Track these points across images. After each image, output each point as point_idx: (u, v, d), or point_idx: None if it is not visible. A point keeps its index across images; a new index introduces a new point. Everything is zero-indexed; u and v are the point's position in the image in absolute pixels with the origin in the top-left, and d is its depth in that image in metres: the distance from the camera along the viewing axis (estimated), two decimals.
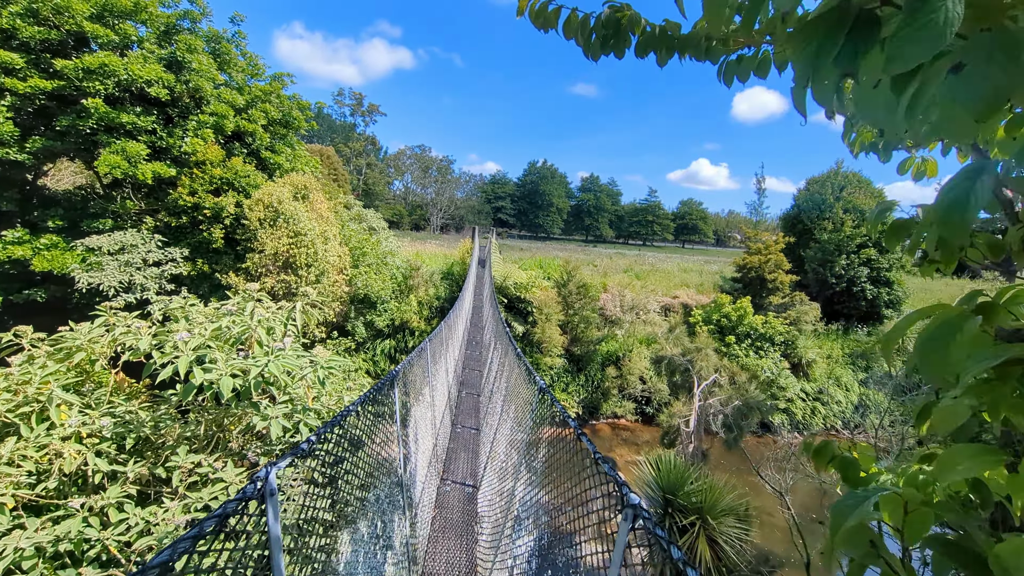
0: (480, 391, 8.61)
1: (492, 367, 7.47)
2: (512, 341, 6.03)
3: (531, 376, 3.78)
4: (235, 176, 20.73)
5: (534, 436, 3.15)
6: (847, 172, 32.11)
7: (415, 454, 4.78)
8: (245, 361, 5.11)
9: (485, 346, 10.90)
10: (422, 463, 5.04)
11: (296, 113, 26.64)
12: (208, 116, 21.60)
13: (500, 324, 7.62)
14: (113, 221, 20.81)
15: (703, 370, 15.33)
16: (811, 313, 25.99)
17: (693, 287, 31.57)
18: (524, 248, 51.23)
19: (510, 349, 5.66)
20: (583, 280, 25.48)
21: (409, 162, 77.76)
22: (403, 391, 4.82)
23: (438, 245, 45.03)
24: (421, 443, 5.09)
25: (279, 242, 19.19)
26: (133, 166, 19.35)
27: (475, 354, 11.71)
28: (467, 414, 7.66)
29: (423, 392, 5.57)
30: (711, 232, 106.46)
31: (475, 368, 10.46)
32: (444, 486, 5.82)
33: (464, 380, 9.50)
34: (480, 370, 10.00)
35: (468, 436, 6.87)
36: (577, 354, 25.54)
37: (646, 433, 24.67)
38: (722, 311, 25.51)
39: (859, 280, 28.82)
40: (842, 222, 29.42)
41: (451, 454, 6.38)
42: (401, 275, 25.61)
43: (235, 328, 5.48)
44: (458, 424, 7.28)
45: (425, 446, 5.26)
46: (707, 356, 15.78)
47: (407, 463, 4.60)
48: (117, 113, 19.21)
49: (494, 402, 6.29)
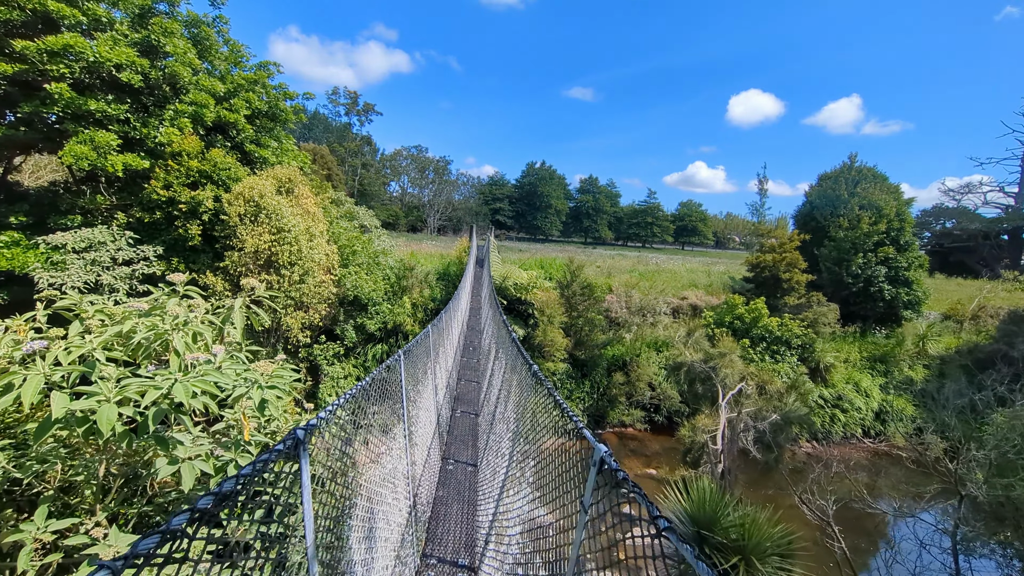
0: (479, 409, 7.13)
1: (494, 381, 6.04)
2: (524, 354, 4.54)
3: (563, 413, 2.34)
4: (214, 168, 19.23)
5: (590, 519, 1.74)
6: (861, 166, 30.74)
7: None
8: (146, 380, 3.58)
9: (484, 353, 9.40)
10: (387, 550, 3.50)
11: (283, 104, 25.20)
12: (187, 105, 20.13)
13: (504, 329, 6.17)
14: (83, 217, 19.32)
15: (728, 378, 13.79)
16: (830, 315, 24.54)
17: (702, 288, 30.13)
18: (523, 250, 49.79)
19: (520, 363, 4.20)
20: (588, 280, 24.01)
21: (406, 163, 76.34)
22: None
23: (434, 245, 43.56)
24: (384, 524, 3.54)
25: (260, 239, 17.69)
26: (102, 157, 17.84)
27: (472, 362, 10.21)
28: (462, 443, 6.13)
29: (400, 422, 4.09)
30: (711, 234, 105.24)
31: (472, 379, 8.96)
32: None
33: (460, 395, 8.02)
34: (478, 382, 8.52)
35: (462, 478, 5.33)
36: (581, 358, 24.04)
37: (655, 443, 23.20)
38: (735, 312, 24.06)
39: (876, 280, 27.40)
40: (858, 219, 28.02)
41: (439, 513, 4.68)
42: (394, 275, 24.11)
43: (140, 334, 3.98)
44: (450, 458, 5.74)
45: (395, 520, 3.72)
46: (732, 362, 14.23)
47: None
48: (85, 100, 17.72)
49: (497, 433, 4.82)
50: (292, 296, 18.14)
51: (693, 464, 12.53)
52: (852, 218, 28.25)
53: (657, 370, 23.51)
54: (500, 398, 5.46)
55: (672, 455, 22.01)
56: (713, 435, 11.97)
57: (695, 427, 12.68)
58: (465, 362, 10.22)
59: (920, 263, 28.51)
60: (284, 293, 17.90)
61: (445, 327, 7.00)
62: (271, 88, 24.30)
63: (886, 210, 27.55)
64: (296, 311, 18.52)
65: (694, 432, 12.57)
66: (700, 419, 12.80)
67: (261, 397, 3.99)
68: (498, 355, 6.03)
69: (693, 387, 15.32)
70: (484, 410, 6.25)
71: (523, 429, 3.62)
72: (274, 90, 24.46)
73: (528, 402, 3.63)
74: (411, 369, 4.76)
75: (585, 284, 23.62)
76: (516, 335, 5.90)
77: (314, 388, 20.88)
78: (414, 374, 4.86)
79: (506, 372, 5.62)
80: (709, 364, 14.39)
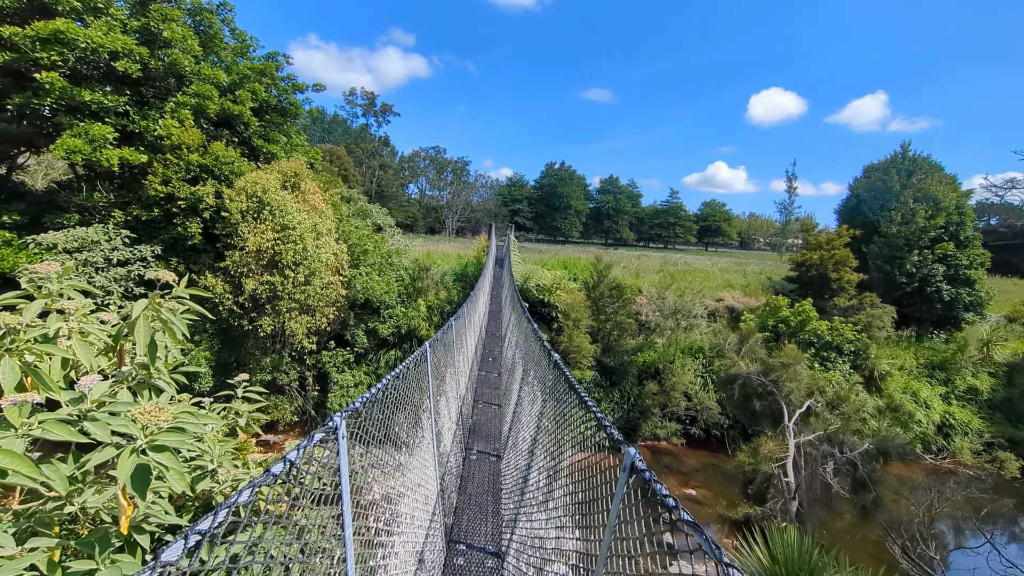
0: (501, 447, 5.38)
1: (522, 406, 4.39)
2: (569, 377, 2.86)
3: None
4: (215, 163, 17.97)
5: None
6: (915, 156, 28.21)
7: None
8: None
9: (507, 367, 7.66)
10: None
11: (292, 98, 23.98)
12: (189, 97, 18.96)
13: (534, 340, 4.48)
14: (80, 216, 18.26)
15: (793, 394, 11.77)
16: (885, 317, 22.19)
17: (738, 288, 27.96)
18: (542, 251, 48.03)
19: (559, 388, 2.56)
20: (617, 280, 22.15)
21: (424, 164, 75.33)
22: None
23: (452, 246, 42.13)
24: None
25: (262, 237, 16.32)
26: (97, 151, 16.73)
27: (492, 377, 8.48)
28: (478, 510, 4.33)
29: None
30: (735, 234, 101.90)
31: (491, 401, 7.19)
32: None
33: (476, 426, 6.27)
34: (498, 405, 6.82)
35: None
36: (610, 365, 22.19)
37: (692, 458, 21.20)
38: (779, 315, 21.92)
39: (933, 279, 24.90)
40: (912, 213, 25.52)
41: None
42: (409, 277, 22.61)
43: None
44: (461, 541, 3.92)
45: None
46: (796, 375, 12.15)
47: None
48: (79, 90, 16.62)
49: (532, 488, 3.15)
50: (297, 299, 16.72)
51: (757, 498, 10.55)
52: (905, 212, 25.77)
53: (693, 378, 21.52)
54: (532, 432, 3.80)
55: (712, 474, 19.99)
56: (782, 464, 10.01)
57: (756, 451, 10.72)
58: (484, 377, 8.50)
59: (982, 261, 25.89)
60: (288, 296, 16.48)
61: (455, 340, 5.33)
62: (279, 80, 23.10)
63: (944, 203, 25.04)
64: (301, 315, 17.10)
65: (755, 457, 10.62)
66: (762, 443, 10.81)
67: (135, 464, 2.35)
68: (527, 377, 4.37)
69: (749, 403, 13.30)
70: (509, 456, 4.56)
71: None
72: (282, 82, 23.26)
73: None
74: (408, 401, 3.14)
75: (614, 285, 21.77)
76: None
77: (322, 398, 19.45)
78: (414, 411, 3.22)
79: (536, 401, 3.94)
80: (769, 377, 12.38)
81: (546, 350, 3.67)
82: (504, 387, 7.09)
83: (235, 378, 5.35)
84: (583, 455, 2.47)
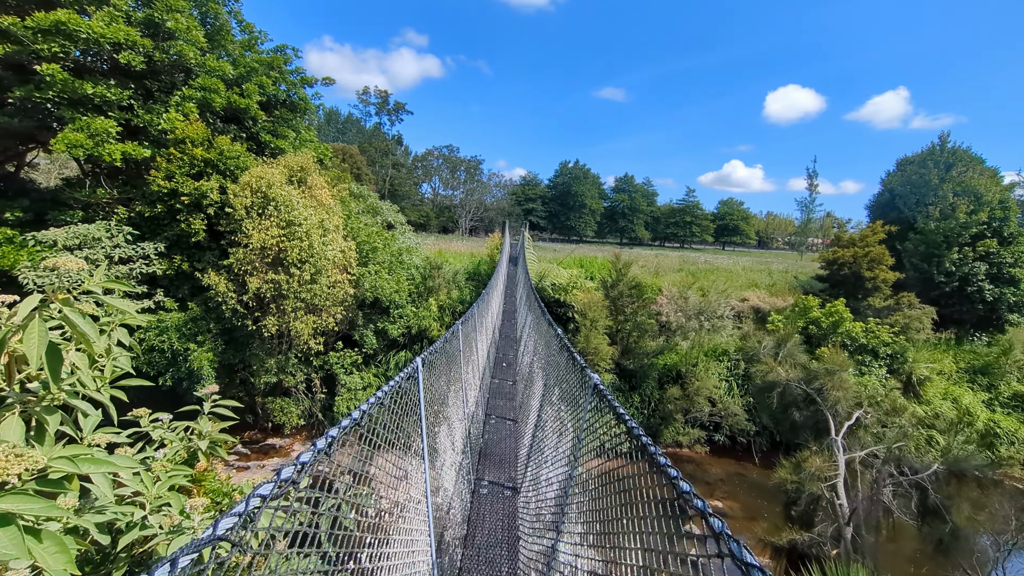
0: (517, 476, 4.47)
1: (544, 431, 3.49)
2: (605, 394, 2.00)
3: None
4: (220, 157, 17.38)
5: None
6: (955, 147, 26.63)
7: None
8: None
9: (523, 377, 6.69)
10: None
11: (302, 92, 23.37)
12: (194, 90, 18.41)
13: (558, 350, 3.61)
14: (83, 212, 17.81)
15: (840, 403, 10.63)
16: (924, 319, 20.80)
17: (763, 288, 26.70)
18: (557, 250, 47.06)
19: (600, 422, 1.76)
20: (636, 279, 21.09)
21: (437, 163, 74.78)
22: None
23: (465, 244, 41.37)
24: None
25: (267, 234, 15.65)
26: (99, 145, 16.22)
27: (505, 385, 7.50)
28: (488, 559, 3.37)
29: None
30: (753, 233, 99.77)
31: (505, 415, 6.23)
32: None
33: (488, 448, 5.31)
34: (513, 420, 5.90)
35: None
36: (629, 368, 21.17)
37: (716, 467, 20.10)
38: (809, 316, 20.67)
39: (975, 278, 23.38)
40: (953, 208, 23.99)
41: None
42: (419, 275, 21.83)
43: None
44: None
45: None
46: (843, 383, 10.97)
47: None
48: (81, 83, 16.12)
49: (570, 536, 2.29)
50: (302, 298, 16.02)
51: (803, 522, 9.42)
52: (945, 207, 24.25)
53: (718, 382, 20.40)
54: (556, 474, 2.92)
55: (739, 484, 18.87)
56: (832, 484, 8.91)
57: (799, 467, 9.61)
58: (496, 386, 7.55)
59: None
60: (293, 295, 15.78)
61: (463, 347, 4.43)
62: (288, 74, 22.51)
63: (986, 197, 23.52)
64: (307, 315, 16.40)
65: (798, 474, 9.51)
66: (807, 459, 9.66)
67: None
68: (550, 395, 3.48)
69: (788, 414, 12.16)
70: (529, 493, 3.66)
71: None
72: (291, 76, 22.67)
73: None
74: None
75: (633, 284, 20.72)
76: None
77: (329, 401, 18.75)
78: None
79: (559, 420, 3.05)
80: (812, 385, 11.23)
81: (578, 366, 2.79)
82: (520, 399, 6.18)
83: (203, 390, 4.50)
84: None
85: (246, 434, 19.20)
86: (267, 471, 17.10)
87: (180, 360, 16.15)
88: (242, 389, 18.22)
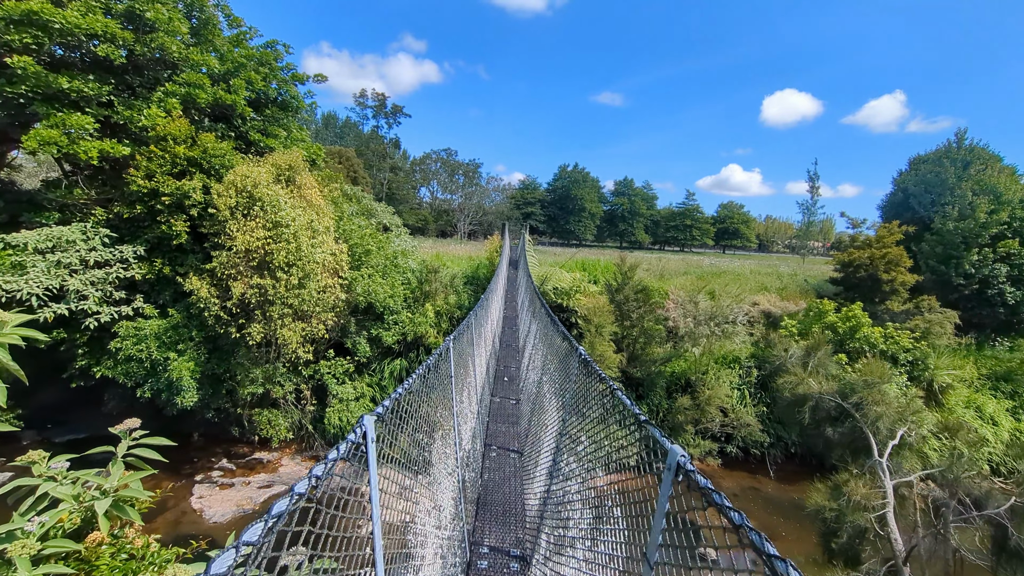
0: (527, 541, 3.46)
1: (568, 486, 2.55)
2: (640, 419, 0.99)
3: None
4: (204, 155, 16.42)
5: None
6: (972, 145, 25.72)
7: None
8: None
9: (528, 394, 5.64)
10: None
11: (293, 90, 22.45)
12: (178, 86, 17.49)
13: (581, 373, 2.68)
14: (60, 214, 16.86)
15: (881, 419, 9.57)
16: (947, 323, 19.82)
17: (773, 291, 25.72)
18: (557, 254, 46.13)
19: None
20: (643, 282, 20.12)
21: (436, 167, 73.93)
22: None
23: (463, 248, 40.41)
24: None
25: (252, 235, 14.67)
26: (74, 143, 15.28)
27: (507, 405, 6.45)
28: None
29: None
30: (754, 237, 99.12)
31: (507, 446, 5.18)
32: None
33: (487, 495, 4.26)
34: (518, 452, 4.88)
35: None
36: (636, 376, 20.16)
37: (729, 480, 19.11)
38: (824, 320, 19.68)
39: (995, 280, 22.41)
40: (972, 207, 23.01)
41: None
42: (416, 279, 20.85)
43: None
44: None
45: None
46: (883, 397, 9.89)
47: None
48: (56, 77, 15.20)
49: None
50: (290, 303, 15.02)
51: (847, 556, 8.32)
52: (963, 207, 23.27)
53: (729, 391, 19.41)
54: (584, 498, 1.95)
55: (753, 499, 17.86)
56: (880, 513, 7.86)
57: (838, 491, 8.52)
58: (497, 406, 6.50)
59: None
60: (280, 300, 14.79)
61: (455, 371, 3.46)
62: (278, 70, 21.59)
63: (1006, 196, 22.59)
64: (295, 321, 15.40)
65: (837, 500, 8.42)
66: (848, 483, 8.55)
67: None
68: (573, 444, 2.56)
69: (820, 430, 11.09)
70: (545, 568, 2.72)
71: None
72: (282, 72, 21.75)
73: None
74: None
75: (640, 287, 19.74)
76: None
77: (320, 413, 17.72)
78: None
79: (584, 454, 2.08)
80: (850, 400, 10.17)
81: (633, 415, 1.86)
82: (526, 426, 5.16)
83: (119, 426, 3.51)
84: None
85: (232, 448, 18.18)
86: (252, 488, 16.06)
87: (160, 370, 15.14)
88: (228, 400, 17.21)
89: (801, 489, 19.20)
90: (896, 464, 8.98)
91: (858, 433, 9.63)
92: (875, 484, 8.40)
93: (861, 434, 9.51)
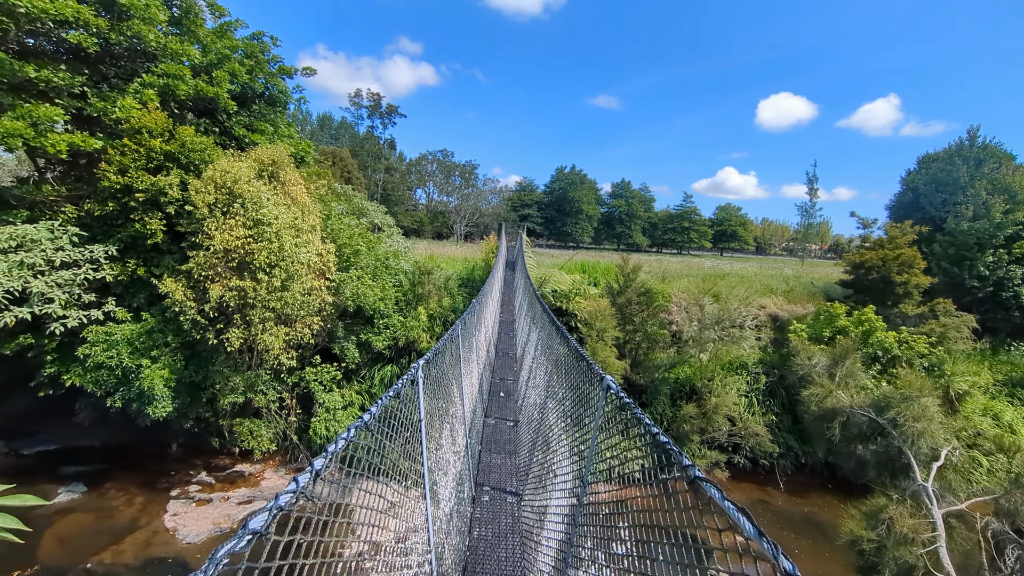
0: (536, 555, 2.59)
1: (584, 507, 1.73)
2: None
3: None
4: (182, 150, 15.45)
5: None
6: (985, 143, 24.95)
7: None
8: None
9: (529, 419, 4.68)
10: None
11: (281, 84, 21.51)
12: (156, 76, 16.54)
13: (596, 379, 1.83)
14: (29, 212, 15.86)
15: (923, 437, 8.63)
16: (964, 327, 18.98)
17: (780, 294, 24.86)
18: (555, 256, 45.23)
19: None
20: (645, 285, 19.23)
21: (432, 168, 72.94)
22: None
23: (459, 249, 39.47)
24: None
25: (231, 234, 13.69)
26: (41, 135, 14.31)
27: (503, 428, 5.49)
28: None
29: None
30: (751, 239, 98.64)
31: (502, 482, 4.18)
32: None
33: (478, 550, 3.34)
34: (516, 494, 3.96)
35: None
36: (639, 383, 19.26)
37: (737, 492, 18.21)
38: (835, 324, 18.83)
39: (1011, 283, 21.62)
40: (987, 207, 22.20)
41: None
42: (408, 282, 19.90)
43: None
44: None
45: None
46: (925, 412, 8.97)
47: None
48: (22, 65, 14.23)
49: None
50: (272, 307, 14.03)
51: None
52: (978, 207, 22.47)
53: (737, 398, 18.51)
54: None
55: (763, 513, 16.95)
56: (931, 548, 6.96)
57: (876, 519, 7.62)
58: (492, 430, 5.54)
59: None
60: (261, 303, 13.80)
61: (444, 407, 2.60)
62: (265, 64, 20.63)
63: (1022, 195, 21.80)
64: (277, 326, 14.41)
65: (874, 528, 7.50)
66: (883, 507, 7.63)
67: None
68: (578, 470, 1.75)
69: (852, 447, 10.16)
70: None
71: None
72: (269, 65, 20.80)
73: None
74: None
75: (643, 290, 18.85)
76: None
77: (305, 422, 16.72)
78: None
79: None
80: (885, 416, 9.23)
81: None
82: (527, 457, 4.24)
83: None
84: None
85: (212, 460, 17.16)
86: (231, 504, 15.03)
87: (132, 378, 14.11)
88: (209, 409, 16.19)
89: (813, 503, 18.31)
90: (941, 488, 8.08)
91: (894, 452, 8.73)
92: (919, 511, 7.50)
93: (898, 453, 8.61)
